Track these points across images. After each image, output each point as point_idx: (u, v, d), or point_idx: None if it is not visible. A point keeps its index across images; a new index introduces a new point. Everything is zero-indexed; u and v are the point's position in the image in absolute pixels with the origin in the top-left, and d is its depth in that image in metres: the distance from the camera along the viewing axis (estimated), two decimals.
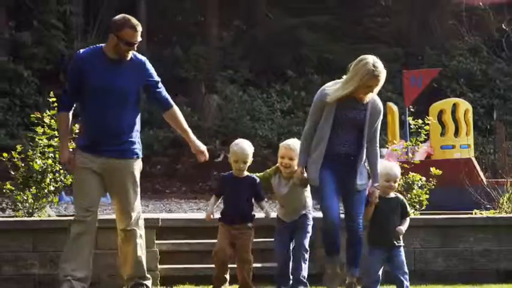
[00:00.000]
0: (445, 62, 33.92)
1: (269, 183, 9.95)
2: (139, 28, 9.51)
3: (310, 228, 9.83)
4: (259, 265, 11.17)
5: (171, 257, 11.25)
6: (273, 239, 10.04)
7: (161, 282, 11.24)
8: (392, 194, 9.42)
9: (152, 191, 28.01)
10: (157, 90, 9.86)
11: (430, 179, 11.38)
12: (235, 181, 9.83)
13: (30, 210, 12.39)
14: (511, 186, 14.16)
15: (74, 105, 9.66)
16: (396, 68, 29.88)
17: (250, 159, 9.86)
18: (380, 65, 9.26)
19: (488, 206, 13.01)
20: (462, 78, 33.94)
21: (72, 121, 9.91)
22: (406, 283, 9.17)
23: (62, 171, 12.61)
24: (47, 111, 12.56)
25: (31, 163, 12.26)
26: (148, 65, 9.72)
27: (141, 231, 9.69)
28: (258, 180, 9.88)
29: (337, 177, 9.30)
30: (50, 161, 12.48)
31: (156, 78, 9.80)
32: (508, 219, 12.11)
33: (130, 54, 9.50)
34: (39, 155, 12.40)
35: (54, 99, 12.82)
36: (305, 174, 9.41)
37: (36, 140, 12.38)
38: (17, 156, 12.57)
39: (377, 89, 9.36)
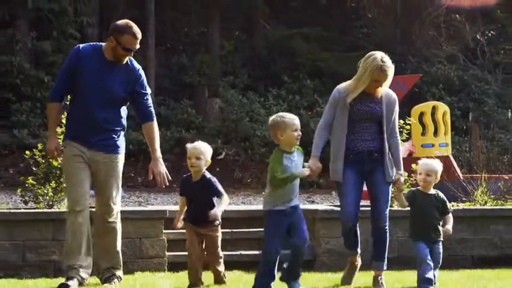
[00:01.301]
0: (425, 69, 33.89)
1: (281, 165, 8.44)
2: (139, 36, 9.20)
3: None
4: (256, 252, 11.22)
5: (177, 244, 11.26)
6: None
7: (169, 267, 11.28)
8: (432, 191, 9.00)
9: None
10: (143, 101, 9.22)
11: (412, 175, 11.36)
12: (192, 183, 9.22)
13: (50, 203, 12.40)
14: (485, 181, 14.21)
15: (65, 96, 9.25)
16: None
17: (204, 157, 9.05)
18: (388, 60, 8.97)
19: (464, 199, 13.07)
20: (441, 84, 33.92)
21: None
22: (436, 273, 8.82)
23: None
24: (65, 113, 12.58)
25: (51, 160, 12.29)
26: (142, 75, 9.28)
27: (119, 224, 9.21)
28: (212, 179, 9.11)
29: (361, 175, 8.97)
30: None
31: (146, 90, 9.25)
32: (481, 211, 12.15)
33: (127, 59, 9.15)
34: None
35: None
36: (319, 164, 8.76)
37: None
38: (38, 153, 12.59)
39: (387, 83, 9.02)
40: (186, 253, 9.27)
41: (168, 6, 36.00)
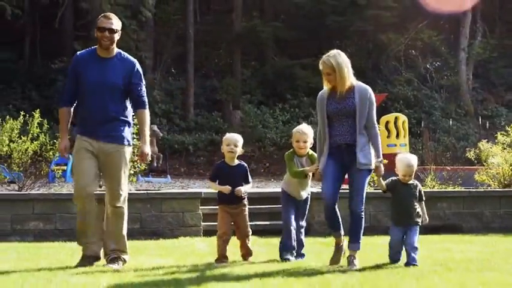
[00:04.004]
0: (390, 90, 33.79)
1: (291, 161, 8.08)
2: (112, 16, 7.75)
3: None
4: (267, 223, 11.18)
5: (209, 217, 11.24)
6: (275, 206, 9.59)
7: (203, 233, 11.26)
8: (410, 181, 7.76)
9: (197, 174, 27.94)
10: (138, 91, 7.83)
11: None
12: (228, 167, 8.15)
13: None
14: (433, 171, 14.18)
15: (74, 101, 7.88)
16: None
17: (240, 145, 8.17)
18: (329, 54, 7.63)
19: None
20: (401, 100, 33.88)
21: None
22: (414, 256, 7.53)
23: (138, 161, 12.62)
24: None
25: None
26: (137, 67, 7.88)
27: (126, 210, 7.90)
28: (247, 168, 8.29)
29: (340, 165, 7.56)
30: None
31: (140, 81, 7.88)
32: (430, 193, 12.12)
33: (117, 50, 7.83)
34: None
35: (133, 114, 12.81)
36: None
37: None
38: None
39: (342, 74, 7.51)
40: (217, 223, 9.02)
41: (203, 44, 35.98)
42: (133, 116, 8.15)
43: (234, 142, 8.09)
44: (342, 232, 7.79)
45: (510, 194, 12.65)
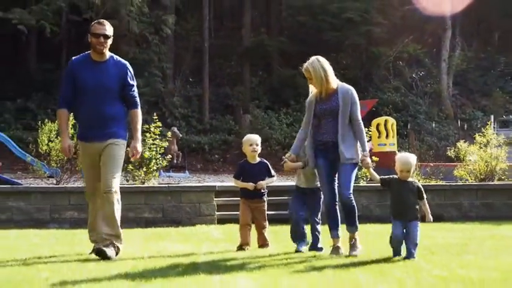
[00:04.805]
0: (380, 96, 33.73)
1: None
2: (105, 23, 7.32)
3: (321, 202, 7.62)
4: (273, 212, 11.20)
5: (223, 208, 11.27)
6: (280, 198, 9.49)
7: (217, 222, 11.27)
8: (410, 179, 7.15)
9: (212, 170, 27.94)
10: (130, 92, 7.32)
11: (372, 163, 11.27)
12: (251, 165, 7.92)
13: (143, 181, 12.42)
14: (418, 167, 14.13)
15: (71, 104, 7.29)
16: None
17: (259, 144, 7.99)
18: (308, 61, 7.37)
19: None
20: (390, 105, 33.78)
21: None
22: (413, 251, 6.88)
23: (160, 158, 12.66)
24: (152, 124, 12.60)
25: (143, 153, 12.30)
26: (129, 69, 7.39)
27: (118, 198, 7.20)
28: (268, 164, 8.00)
29: (329, 162, 7.16)
30: (153, 153, 12.52)
31: (133, 82, 7.39)
32: None
33: (110, 55, 7.37)
34: (147, 149, 12.45)
35: (156, 117, 12.88)
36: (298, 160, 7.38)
37: (146, 140, 12.42)
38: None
39: (316, 79, 7.23)
40: (230, 212, 8.97)
41: (217, 56, 36.03)
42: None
43: (255, 142, 7.88)
44: (340, 234, 7.29)
45: (485, 188, 12.64)
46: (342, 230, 7.37)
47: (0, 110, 28.76)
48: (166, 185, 12.50)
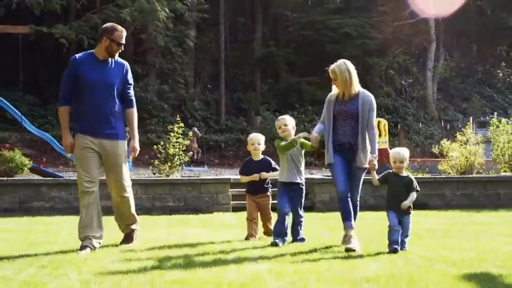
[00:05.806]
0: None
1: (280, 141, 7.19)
2: (124, 32, 6.78)
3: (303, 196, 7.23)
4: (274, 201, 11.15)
5: (237, 197, 11.24)
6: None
7: (232, 210, 11.26)
8: (404, 173, 6.79)
9: (227, 164, 27.93)
10: (128, 91, 6.76)
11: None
12: (254, 162, 7.66)
13: (168, 174, 12.42)
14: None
15: (72, 101, 6.62)
16: None
17: (262, 143, 7.73)
18: (336, 63, 6.97)
19: None
20: (382, 108, 33.63)
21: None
22: (405, 241, 6.52)
23: (183, 154, 12.67)
24: (175, 125, 12.62)
25: (168, 150, 12.32)
26: (128, 68, 6.84)
27: (131, 194, 6.90)
28: (271, 160, 7.69)
29: (345, 161, 6.72)
30: (177, 149, 12.53)
31: (131, 81, 6.86)
32: None
33: (117, 55, 6.75)
34: (172, 146, 12.46)
35: (179, 119, 12.89)
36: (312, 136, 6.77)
37: (170, 139, 12.44)
38: (161, 146, 12.63)
39: (344, 82, 6.80)
40: (243, 202, 8.83)
41: (231, 66, 36.00)
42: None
43: (257, 141, 7.61)
44: (353, 224, 6.73)
45: (465, 180, 12.58)
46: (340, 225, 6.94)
47: (45, 113, 28.92)
48: (188, 178, 12.49)
